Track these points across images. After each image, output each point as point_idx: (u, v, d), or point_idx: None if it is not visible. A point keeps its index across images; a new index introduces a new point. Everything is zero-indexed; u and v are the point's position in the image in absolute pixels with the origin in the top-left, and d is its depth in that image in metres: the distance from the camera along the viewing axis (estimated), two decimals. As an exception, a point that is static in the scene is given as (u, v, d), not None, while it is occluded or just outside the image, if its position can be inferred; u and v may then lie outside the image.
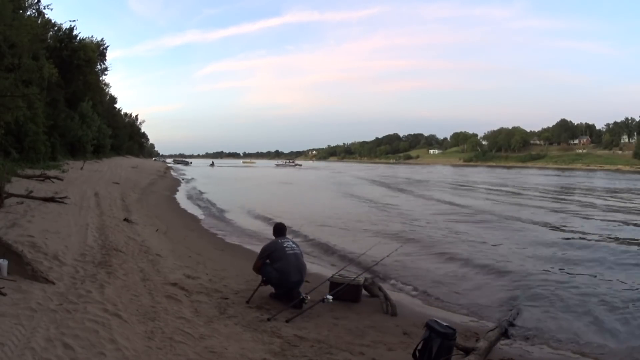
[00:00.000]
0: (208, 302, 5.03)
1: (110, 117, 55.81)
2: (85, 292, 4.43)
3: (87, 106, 37.63)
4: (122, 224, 9.36)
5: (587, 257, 9.54)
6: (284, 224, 6.12)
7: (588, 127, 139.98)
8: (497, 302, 6.48)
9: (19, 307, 3.77)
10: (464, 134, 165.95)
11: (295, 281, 5.39)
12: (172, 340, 3.67)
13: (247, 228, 12.72)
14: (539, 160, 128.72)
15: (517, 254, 9.76)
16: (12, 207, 8.38)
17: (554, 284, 7.41)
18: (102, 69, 45.11)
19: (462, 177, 51.96)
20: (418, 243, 10.93)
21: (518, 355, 4.40)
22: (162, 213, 14.09)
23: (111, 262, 5.77)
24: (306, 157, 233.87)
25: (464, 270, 8.33)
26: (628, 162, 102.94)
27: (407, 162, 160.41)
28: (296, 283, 5.40)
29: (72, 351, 3.16)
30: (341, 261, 8.47)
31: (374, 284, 6.12)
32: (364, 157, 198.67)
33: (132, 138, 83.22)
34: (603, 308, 6.21)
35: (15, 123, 17.50)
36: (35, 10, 24.01)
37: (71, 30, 35.27)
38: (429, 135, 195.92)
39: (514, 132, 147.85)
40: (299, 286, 5.42)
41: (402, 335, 4.75)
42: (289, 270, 5.35)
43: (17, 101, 14.10)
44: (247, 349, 3.79)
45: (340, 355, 3.94)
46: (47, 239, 6.12)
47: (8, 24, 14.03)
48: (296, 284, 5.40)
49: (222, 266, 7.22)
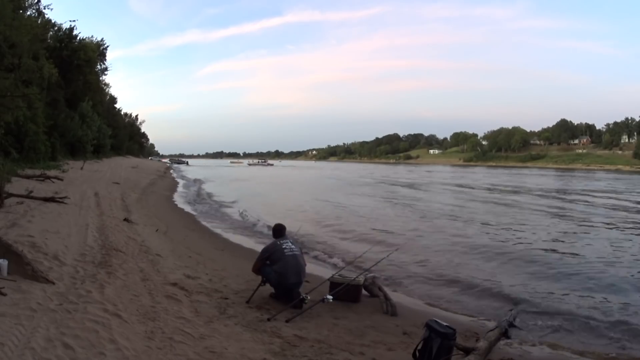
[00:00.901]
0: (208, 302, 5.03)
1: (110, 117, 55.86)
2: (85, 292, 4.43)
3: (87, 106, 37.65)
4: (122, 224, 9.36)
5: (588, 257, 9.54)
6: (283, 225, 5.99)
7: (588, 127, 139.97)
8: (497, 302, 6.48)
9: (19, 307, 3.77)
10: (464, 134, 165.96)
11: (293, 282, 5.39)
12: (172, 340, 3.67)
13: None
14: (539, 160, 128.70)
15: (518, 255, 9.75)
16: (12, 207, 8.37)
17: (554, 284, 7.42)
18: (102, 69, 45.27)
19: (462, 179, 51.78)
20: (418, 243, 10.92)
21: (518, 355, 4.40)
22: (162, 213, 14.09)
23: (111, 262, 5.77)
24: (306, 157, 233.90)
25: (464, 270, 8.33)
26: (628, 162, 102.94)
27: (407, 162, 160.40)
28: (294, 284, 5.40)
29: (72, 351, 3.16)
30: (341, 261, 8.48)
31: (374, 284, 6.12)
32: (364, 157, 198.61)
33: (132, 138, 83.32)
34: (603, 308, 6.21)
35: (15, 123, 17.50)
36: (35, 10, 24.01)
37: (71, 30, 35.35)
38: (429, 135, 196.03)
39: (514, 132, 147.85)
40: (298, 287, 5.42)
41: (402, 335, 4.75)
42: (287, 271, 5.35)
43: (17, 101, 14.10)
44: (247, 349, 3.79)
45: (340, 355, 3.94)
46: (47, 239, 6.12)
47: (8, 24, 14.02)
48: (294, 285, 5.39)
49: (222, 266, 7.22)
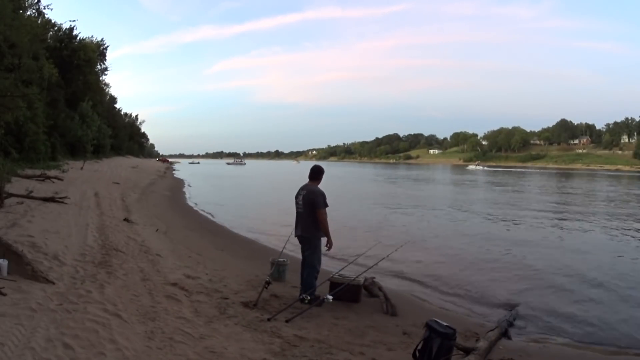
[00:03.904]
0: (208, 302, 5.02)
1: (110, 117, 55.82)
2: (85, 292, 4.43)
3: (87, 106, 37.64)
4: (122, 224, 9.36)
5: (588, 258, 9.54)
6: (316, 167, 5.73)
7: (588, 127, 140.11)
8: (497, 302, 6.48)
9: (19, 307, 3.77)
10: (464, 134, 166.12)
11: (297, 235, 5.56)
12: (172, 340, 3.67)
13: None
14: (539, 160, 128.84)
15: (518, 256, 9.75)
16: (12, 207, 8.37)
17: (554, 284, 7.43)
18: (102, 69, 45.22)
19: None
20: (418, 244, 10.91)
21: (518, 356, 4.40)
22: (162, 213, 14.09)
23: (111, 262, 5.77)
24: (306, 157, 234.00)
25: (464, 270, 8.33)
26: (628, 162, 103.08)
27: (408, 162, 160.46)
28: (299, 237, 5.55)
29: (72, 351, 3.16)
30: (341, 261, 8.47)
31: (374, 284, 6.12)
32: (364, 157, 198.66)
33: (132, 138, 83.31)
34: (604, 307, 6.22)
35: (15, 123, 17.49)
36: (35, 10, 24.04)
37: (71, 30, 35.39)
38: (429, 135, 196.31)
39: (514, 132, 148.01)
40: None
41: (402, 335, 4.75)
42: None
43: (17, 101, 14.10)
44: (247, 349, 3.78)
45: (340, 355, 3.93)
46: (47, 239, 6.12)
47: (8, 24, 14.02)
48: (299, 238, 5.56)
49: (222, 266, 7.22)
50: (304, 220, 5.43)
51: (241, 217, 15.22)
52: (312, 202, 5.34)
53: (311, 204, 5.35)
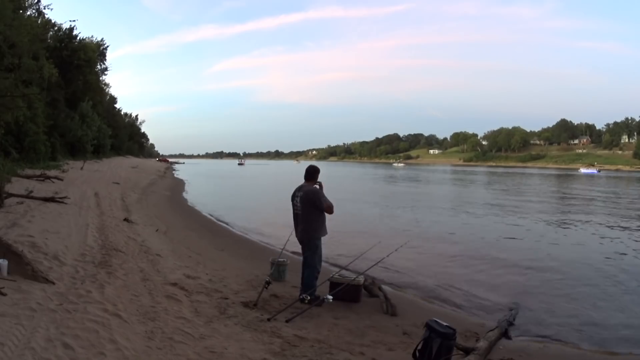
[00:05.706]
0: (208, 302, 5.02)
1: (110, 117, 55.87)
2: (85, 292, 4.43)
3: (87, 106, 37.68)
4: (122, 224, 9.36)
5: (589, 258, 9.54)
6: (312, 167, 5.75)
7: (588, 127, 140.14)
8: (497, 302, 6.48)
9: (19, 307, 3.76)
10: (464, 134, 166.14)
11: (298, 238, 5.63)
12: (172, 340, 3.67)
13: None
14: (539, 160, 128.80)
15: (518, 256, 9.75)
16: (12, 207, 8.37)
17: (554, 284, 7.42)
18: (102, 69, 45.24)
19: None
20: (418, 244, 10.91)
21: (518, 356, 4.40)
22: (162, 213, 14.09)
23: (111, 262, 5.77)
24: (306, 157, 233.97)
25: (464, 270, 8.33)
26: (628, 162, 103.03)
27: (408, 162, 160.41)
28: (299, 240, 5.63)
29: (72, 351, 3.15)
30: (341, 261, 8.46)
31: (374, 284, 6.12)
32: (364, 157, 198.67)
33: (132, 138, 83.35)
34: (604, 307, 6.22)
35: (15, 123, 17.51)
36: (35, 10, 24.08)
37: (71, 30, 35.39)
38: (429, 135, 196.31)
39: (514, 132, 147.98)
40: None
41: (402, 335, 4.75)
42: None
43: (17, 101, 14.11)
44: (247, 349, 3.78)
45: (340, 355, 3.93)
46: (47, 239, 6.12)
47: (8, 24, 14.05)
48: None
49: (222, 266, 7.22)
50: (303, 221, 5.47)
51: (241, 217, 15.21)
52: (314, 203, 5.40)
53: (312, 204, 5.41)
